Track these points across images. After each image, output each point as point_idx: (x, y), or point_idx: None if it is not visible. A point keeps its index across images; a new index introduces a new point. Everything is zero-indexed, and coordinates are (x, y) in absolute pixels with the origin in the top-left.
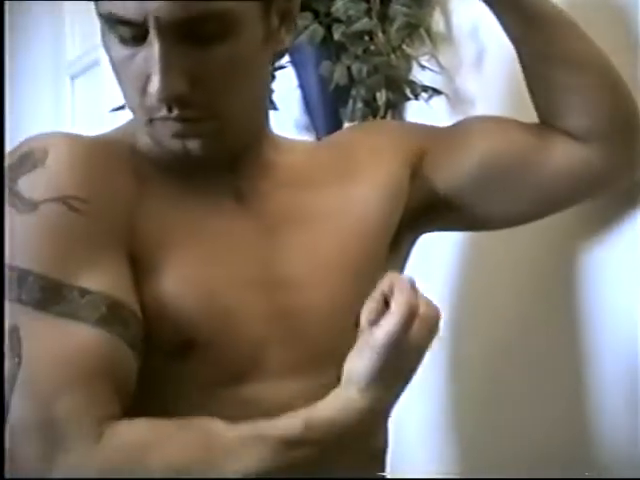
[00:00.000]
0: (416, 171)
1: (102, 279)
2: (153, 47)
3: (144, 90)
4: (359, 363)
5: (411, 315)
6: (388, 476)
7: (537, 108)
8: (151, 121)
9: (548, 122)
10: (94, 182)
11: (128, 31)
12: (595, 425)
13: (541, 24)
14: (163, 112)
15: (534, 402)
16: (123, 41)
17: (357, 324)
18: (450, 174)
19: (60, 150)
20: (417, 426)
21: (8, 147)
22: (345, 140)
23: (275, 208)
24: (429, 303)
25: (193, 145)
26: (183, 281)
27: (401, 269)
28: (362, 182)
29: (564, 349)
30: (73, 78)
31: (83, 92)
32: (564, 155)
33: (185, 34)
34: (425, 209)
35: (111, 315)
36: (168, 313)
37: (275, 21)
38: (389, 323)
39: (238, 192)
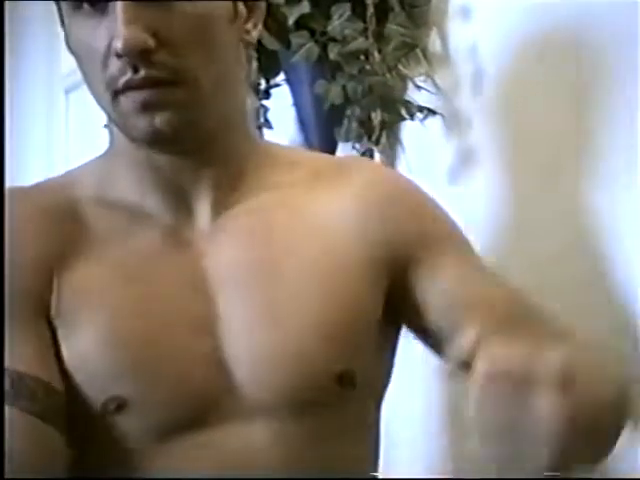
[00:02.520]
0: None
1: (8, 351)
2: (116, 5)
3: (107, 58)
4: None
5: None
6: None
7: None
8: (115, 96)
9: None
10: (9, 249)
11: (91, 8)
12: None
13: None
14: (128, 75)
15: None
16: (87, 15)
17: (343, 383)
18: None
19: None
20: (409, 427)
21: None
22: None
23: (225, 257)
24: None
25: (161, 119)
26: (103, 335)
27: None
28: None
29: None
30: (67, 92)
31: (77, 106)
32: None
33: None
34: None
35: (16, 390)
36: (91, 371)
37: (242, 7)
38: None
39: (185, 239)
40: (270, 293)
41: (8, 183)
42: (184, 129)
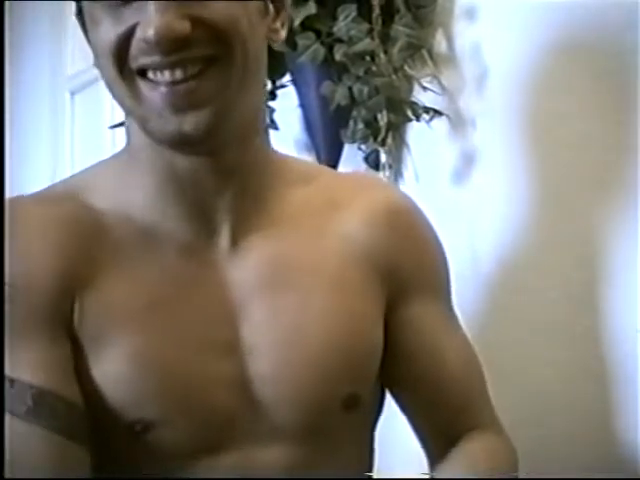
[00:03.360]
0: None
1: (28, 367)
2: None
3: (128, 41)
4: None
5: None
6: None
7: None
8: (130, 77)
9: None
10: (27, 265)
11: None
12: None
13: None
14: (154, 57)
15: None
16: (110, 8)
17: (347, 406)
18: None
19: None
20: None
21: (7, 159)
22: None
23: (247, 277)
24: None
25: (191, 121)
26: (130, 359)
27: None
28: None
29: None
30: (73, 94)
31: (82, 108)
32: None
33: None
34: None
35: (38, 407)
36: (117, 394)
37: (270, 7)
38: None
39: (207, 258)
40: (292, 316)
41: (14, 186)
42: (213, 128)
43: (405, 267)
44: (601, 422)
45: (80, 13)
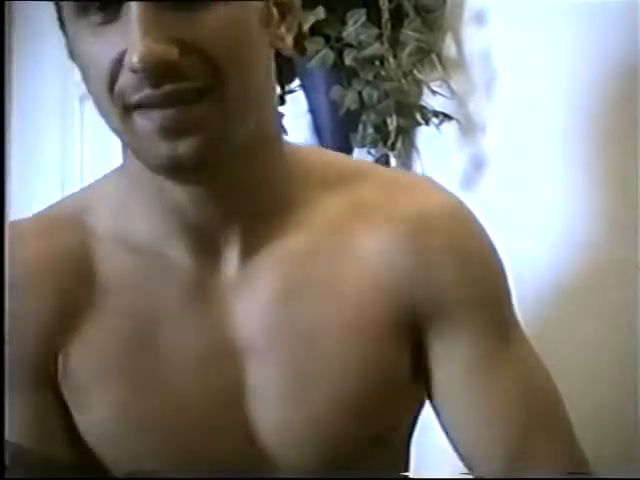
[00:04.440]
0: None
1: (8, 424)
2: (131, 11)
3: (116, 70)
4: None
5: None
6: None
7: None
8: (126, 112)
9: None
10: (16, 309)
11: (100, 13)
12: None
13: None
14: (144, 91)
15: None
16: (95, 21)
17: (376, 441)
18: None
19: None
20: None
21: (15, 167)
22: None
23: (256, 314)
24: None
25: (185, 146)
26: (117, 414)
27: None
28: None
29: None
30: (81, 100)
31: (91, 114)
32: None
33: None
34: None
35: (15, 465)
36: (108, 449)
37: (274, 11)
38: None
39: (210, 292)
40: (302, 360)
41: (23, 193)
42: (210, 152)
43: (447, 290)
44: (603, 422)
45: (63, 27)
